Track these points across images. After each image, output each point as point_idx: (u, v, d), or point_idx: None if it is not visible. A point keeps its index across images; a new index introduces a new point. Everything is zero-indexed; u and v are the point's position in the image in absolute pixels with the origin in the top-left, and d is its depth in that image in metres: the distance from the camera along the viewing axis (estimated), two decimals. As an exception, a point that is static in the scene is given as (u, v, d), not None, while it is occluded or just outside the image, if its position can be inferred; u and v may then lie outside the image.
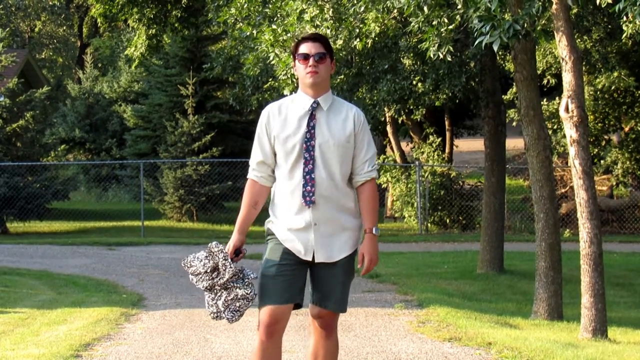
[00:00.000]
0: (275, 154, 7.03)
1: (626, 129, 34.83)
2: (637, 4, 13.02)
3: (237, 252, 7.24)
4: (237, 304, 7.28)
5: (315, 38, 7.01)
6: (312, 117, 6.85)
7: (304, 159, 6.79)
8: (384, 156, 37.71)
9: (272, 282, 6.76)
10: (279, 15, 20.74)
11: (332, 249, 6.93)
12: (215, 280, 7.28)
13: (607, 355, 13.32)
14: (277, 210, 6.96)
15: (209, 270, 7.29)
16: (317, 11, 21.01)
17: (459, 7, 15.23)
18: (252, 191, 7.05)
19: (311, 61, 6.88)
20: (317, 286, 7.00)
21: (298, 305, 7.02)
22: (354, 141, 6.92)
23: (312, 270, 6.99)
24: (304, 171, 6.82)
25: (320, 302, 6.96)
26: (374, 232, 7.04)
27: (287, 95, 21.98)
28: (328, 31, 21.00)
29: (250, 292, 7.25)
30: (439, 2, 15.97)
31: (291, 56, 7.24)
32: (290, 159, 6.85)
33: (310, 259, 6.84)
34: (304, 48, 6.92)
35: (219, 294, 7.28)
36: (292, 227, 6.90)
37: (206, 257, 7.28)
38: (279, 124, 6.92)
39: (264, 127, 6.96)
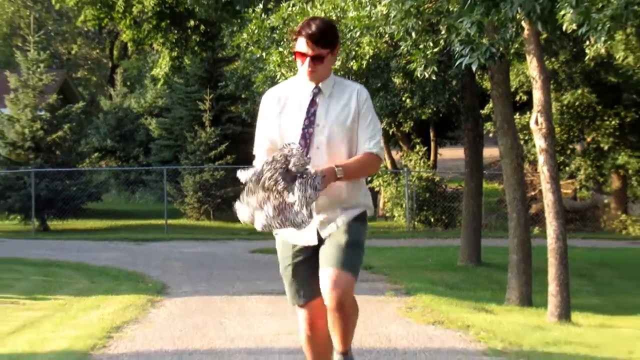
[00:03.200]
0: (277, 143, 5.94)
1: (588, 140, 35.11)
2: (598, 29, 12.74)
3: None
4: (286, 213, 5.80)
5: (313, 32, 5.79)
6: (312, 103, 5.87)
7: (303, 147, 5.77)
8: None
9: (295, 283, 6.01)
10: (285, 40, 20.69)
11: (332, 226, 5.91)
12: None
13: (571, 337, 13.28)
14: None
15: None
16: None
17: (443, 32, 15.47)
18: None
19: (308, 61, 5.84)
20: (322, 255, 5.93)
21: None
22: (357, 120, 5.93)
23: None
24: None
25: (325, 263, 5.84)
26: (336, 168, 5.75)
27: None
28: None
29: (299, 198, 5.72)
30: (425, 28, 15.99)
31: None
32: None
33: (315, 243, 5.90)
34: (302, 45, 5.82)
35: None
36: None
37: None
38: (279, 113, 5.95)
39: (266, 113, 6.02)
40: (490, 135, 27.47)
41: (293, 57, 6.12)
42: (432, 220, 35.76)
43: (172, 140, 39.61)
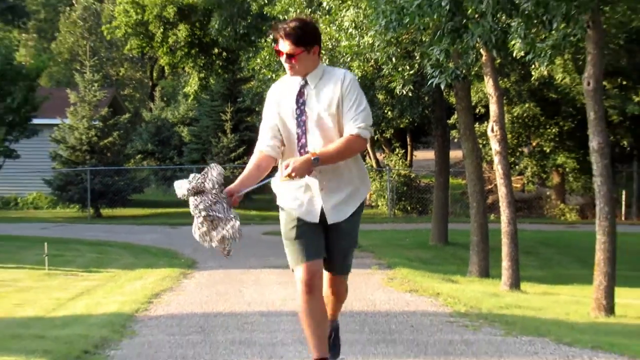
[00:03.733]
0: (279, 130, 5.42)
1: (533, 144, 35.26)
2: (541, 56, 12.90)
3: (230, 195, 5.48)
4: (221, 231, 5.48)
5: (287, 34, 5.17)
6: (300, 94, 5.22)
7: (297, 134, 5.25)
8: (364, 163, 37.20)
9: (297, 244, 5.24)
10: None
11: (332, 211, 5.28)
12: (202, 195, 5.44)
13: (520, 302, 13.49)
14: (282, 184, 5.31)
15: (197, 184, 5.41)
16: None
17: (417, 58, 15.75)
18: (256, 157, 5.43)
19: (284, 58, 5.20)
20: (327, 252, 5.40)
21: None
22: (342, 103, 5.24)
23: (325, 235, 5.40)
24: (298, 145, 5.25)
25: (328, 268, 5.40)
26: (312, 156, 5.19)
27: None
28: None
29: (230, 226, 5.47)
30: (403, 54, 16.50)
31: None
32: (288, 135, 5.26)
33: (317, 220, 5.25)
34: (280, 44, 5.22)
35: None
36: (296, 196, 5.32)
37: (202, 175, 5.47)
38: (277, 104, 5.35)
39: (269, 105, 5.38)
40: (455, 140, 27.43)
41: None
42: (409, 208, 35.77)
43: (200, 145, 39.54)
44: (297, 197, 5.15)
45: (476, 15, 12.96)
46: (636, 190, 33.90)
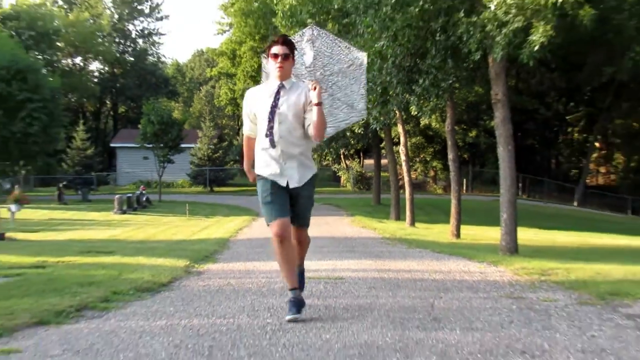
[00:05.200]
0: (254, 120, 3.94)
1: (422, 156, 37.08)
2: (426, 113, 12.50)
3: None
4: None
5: (283, 42, 3.89)
6: (278, 93, 3.80)
7: (268, 121, 3.75)
8: (339, 166, 38.04)
9: (271, 205, 3.77)
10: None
11: (297, 177, 3.81)
12: None
13: (415, 232, 13.42)
14: (258, 157, 3.86)
15: None
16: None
17: (365, 117, 14.36)
18: (247, 144, 3.98)
19: (279, 59, 3.80)
20: (292, 211, 3.94)
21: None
22: (305, 106, 3.78)
23: (290, 200, 3.96)
24: (268, 127, 3.72)
25: (293, 222, 3.89)
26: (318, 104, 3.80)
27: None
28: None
29: None
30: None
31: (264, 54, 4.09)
32: (262, 125, 3.80)
33: (285, 184, 3.80)
34: (275, 49, 3.84)
35: None
36: (268, 163, 3.81)
37: None
38: (254, 101, 3.86)
39: (245, 106, 3.95)
40: (383, 152, 27.10)
41: (265, 60, 4.00)
42: (362, 187, 35.19)
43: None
44: (271, 169, 3.80)
45: (393, 94, 12.46)
46: (471, 179, 35.82)
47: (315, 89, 3.82)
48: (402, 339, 3.20)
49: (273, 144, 3.85)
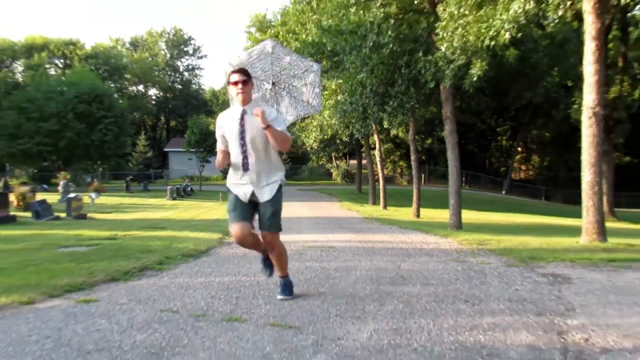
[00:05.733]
0: (225, 139, 3.15)
1: (391, 157, 35.38)
2: (395, 127, 12.20)
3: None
4: None
5: (238, 70, 3.11)
6: (242, 118, 3.04)
7: (240, 145, 3.05)
8: (331, 164, 37.06)
9: (234, 213, 3.05)
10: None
11: (263, 194, 3.06)
12: None
13: (387, 213, 13.07)
14: (231, 175, 3.13)
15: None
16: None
17: (351, 129, 13.98)
18: (222, 150, 3.04)
19: (239, 86, 3.05)
20: (259, 218, 3.18)
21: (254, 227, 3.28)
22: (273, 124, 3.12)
23: (257, 208, 3.17)
24: (241, 152, 3.04)
25: (261, 228, 3.14)
26: (266, 125, 2.97)
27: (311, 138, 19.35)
28: (313, 134, 19.46)
29: None
30: (347, 125, 14.14)
31: (227, 84, 3.14)
32: (233, 145, 3.06)
33: (247, 201, 3.08)
34: (233, 77, 3.09)
35: None
36: (238, 183, 3.09)
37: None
38: (223, 122, 3.11)
39: (217, 128, 3.11)
40: (364, 155, 26.54)
41: (227, 88, 3.15)
42: (348, 180, 33.99)
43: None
44: (244, 190, 3.11)
45: (371, 112, 12.01)
46: (427, 174, 35.00)
47: (257, 115, 3.07)
48: (378, 291, 3.28)
49: (246, 168, 3.17)
